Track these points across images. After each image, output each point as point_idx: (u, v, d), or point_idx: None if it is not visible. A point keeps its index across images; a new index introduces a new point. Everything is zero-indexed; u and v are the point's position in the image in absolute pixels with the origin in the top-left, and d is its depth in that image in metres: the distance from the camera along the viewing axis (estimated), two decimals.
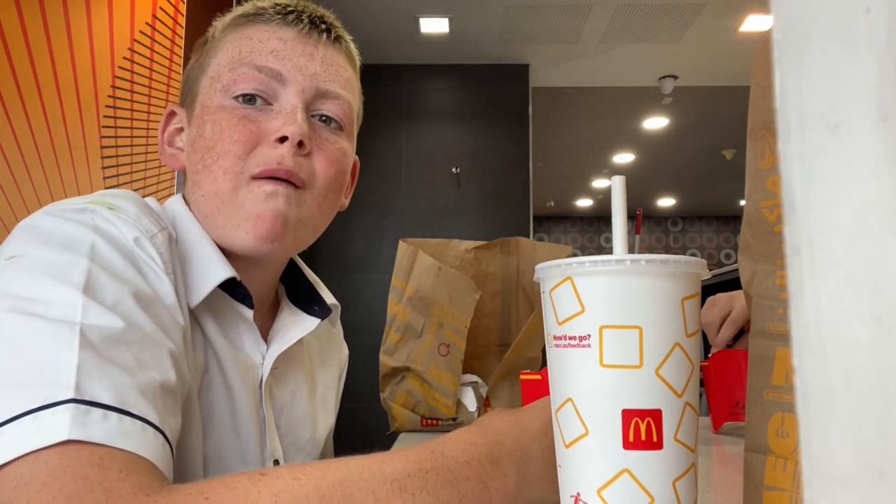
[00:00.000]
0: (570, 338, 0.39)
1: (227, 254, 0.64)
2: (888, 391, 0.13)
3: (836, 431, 0.14)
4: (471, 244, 1.14)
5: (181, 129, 0.69)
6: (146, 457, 0.43)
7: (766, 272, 0.37)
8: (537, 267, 0.41)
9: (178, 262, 0.60)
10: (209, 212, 0.64)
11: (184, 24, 2.90)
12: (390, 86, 4.75)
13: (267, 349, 0.68)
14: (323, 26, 0.69)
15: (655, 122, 6.01)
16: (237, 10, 0.68)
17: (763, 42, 0.37)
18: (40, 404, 0.41)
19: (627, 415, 0.37)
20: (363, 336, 4.61)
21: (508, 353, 1.05)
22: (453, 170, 4.67)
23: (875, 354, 0.13)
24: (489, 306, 1.15)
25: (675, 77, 4.89)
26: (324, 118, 0.68)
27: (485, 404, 1.08)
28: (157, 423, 0.45)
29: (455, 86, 4.76)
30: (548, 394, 0.56)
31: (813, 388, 0.15)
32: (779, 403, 0.36)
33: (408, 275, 1.07)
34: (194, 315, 0.62)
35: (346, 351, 0.89)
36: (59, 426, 0.40)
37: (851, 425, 0.14)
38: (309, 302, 0.75)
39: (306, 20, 0.67)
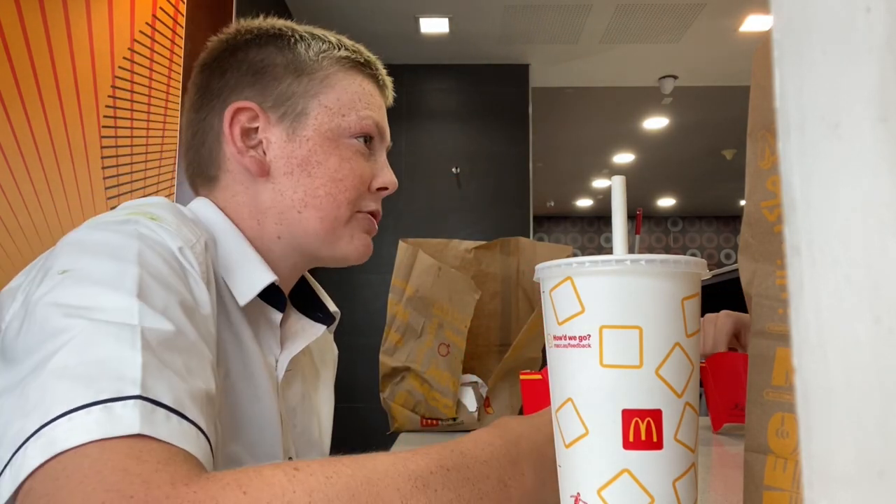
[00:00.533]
0: (570, 338, 0.39)
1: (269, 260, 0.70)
2: (888, 391, 0.13)
3: (836, 431, 0.14)
4: (471, 244, 1.14)
5: (255, 129, 0.70)
6: (199, 457, 0.44)
7: (766, 272, 0.37)
8: (537, 267, 0.41)
9: (217, 266, 0.63)
10: (319, 231, 0.70)
11: (184, 24, 2.90)
12: None
13: (280, 352, 0.71)
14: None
15: (655, 122, 6.01)
16: (341, 50, 0.74)
17: (763, 42, 0.37)
18: (110, 396, 0.42)
19: (627, 415, 0.37)
20: (363, 336, 4.62)
21: (508, 353, 1.05)
22: (453, 170, 4.67)
23: (875, 354, 0.13)
24: (489, 306, 1.15)
25: (675, 77, 4.89)
26: None
27: (485, 404, 1.08)
28: (205, 429, 0.46)
29: (455, 86, 4.76)
30: (548, 393, 0.56)
31: (813, 388, 0.15)
32: (779, 403, 0.36)
33: (408, 275, 1.07)
34: (230, 317, 0.64)
35: (336, 350, 0.92)
36: (130, 419, 0.41)
37: (851, 425, 0.14)
38: (313, 309, 0.78)
39: (390, 93, 0.80)
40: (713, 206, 9.18)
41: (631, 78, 4.94)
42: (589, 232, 9.76)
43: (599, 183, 7.98)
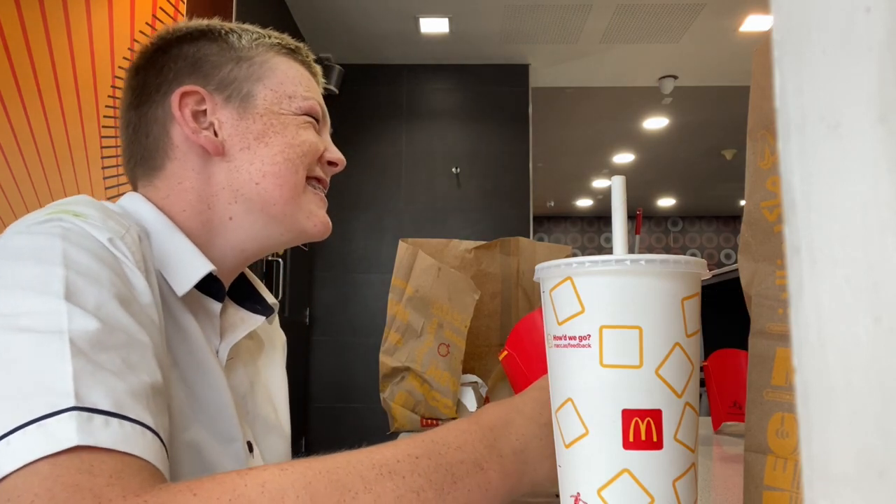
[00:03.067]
0: (570, 338, 0.39)
1: (210, 251, 0.70)
2: (888, 391, 0.13)
3: (836, 431, 0.14)
4: (471, 244, 1.14)
5: (203, 112, 0.70)
6: (149, 459, 0.43)
7: (766, 272, 0.37)
8: (537, 267, 0.41)
9: (151, 258, 0.62)
10: (278, 199, 0.71)
11: None
12: (390, 86, 4.75)
13: (220, 343, 0.71)
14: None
15: (655, 122, 6.01)
16: (272, 39, 0.77)
17: (763, 42, 0.37)
18: (44, 413, 0.41)
19: (627, 415, 0.37)
20: (363, 336, 4.63)
21: None
22: (453, 170, 4.67)
23: (875, 354, 0.13)
24: (489, 306, 1.15)
25: (675, 77, 4.90)
26: None
27: (485, 404, 1.08)
28: (152, 425, 0.46)
29: (455, 86, 4.76)
30: (524, 368, 0.56)
31: (813, 388, 0.15)
32: (779, 403, 0.36)
33: (408, 275, 1.07)
34: (171, 308, 0.63)
35: (284, 337, 0.93)
36: (66, 433, 0.41)
37: (851, 425, 0.14)
38: (252, 301, 0.79)
39: (320, 79, 0.83)
40: (713, 206, 9.18)
41: (631, 78, 4.95)
42: (589, 232, 9.76)
43: (599, 183, 7.98)
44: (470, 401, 1.07)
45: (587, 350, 0.38)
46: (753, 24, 4.11)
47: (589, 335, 0.38)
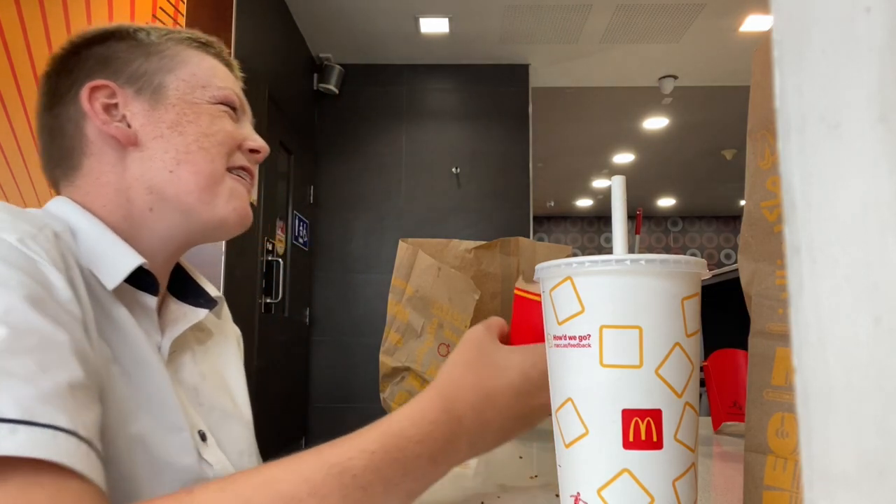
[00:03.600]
0: (570, 338, 0.39)
1: (142, 243, 0.70)
2: (888, 391, 0.13)
3: (836, 431, 0.14)
4: (471, 244, 1.14)
5: (115, 105, 0.71)
6: (64, 462, 0.43)
7: (766, 272, 0.37)
8: (537, 267, 0.41)
9: (76, 255, 0.62)
10: (194, 189, 0.70)
11: (184, 24, 2.89)
12: (390, 86, 4.75)
13: (161, 337, 0.71)
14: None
15: (655, 122, 6.01)
16: (182, 34, 0.77)
17: (763, 42, 0.37)
18: None
19: (627, 415, 0.37)
20: (363, 336, 4.62)
21: None
22: (453, 170, 4.67)
23: (875, 354, 0.13)
24: (489, 306, 1.15)
25: (675, 77, 4.90)
26: None
27: None
28: (67, 425, 0.45)
29: (455, 86, 4.76)
30: (540, 322, 0.55)
31: (813, 388, 0.15)
32: (779, 403, 0.36)
33: (408, 275, 1.07)
34: (104, 304, 0.63)
35: (238, 331, 0.93)
36: None
37: (851, 425, 0.14)
38: (194, 295, 0.79)
39: (238, 72, 0.82)
40: (713, 206, 9.18)
41: (631, 78, 4.95)
42: (589, 232, 9.76)
43: (599, 183, 7.98)
44: None
45: (587, 350, 0.38)
46: (753, 24, 4.11)
47: (589, 335, 0.38)
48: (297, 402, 4.36)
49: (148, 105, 0.71)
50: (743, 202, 0.39)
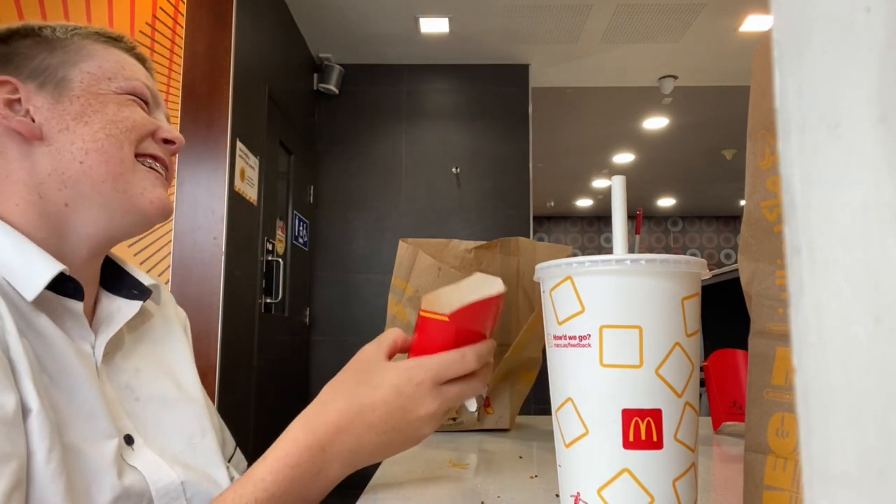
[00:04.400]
0: (570, 337, 0.39)
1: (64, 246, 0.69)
2: (888, 391, 0.13)
3: (836, 431, 0.14)
4: (471, 244, 1.14)
5: (18, 101, 0.70)
6: None
7: (766, 272, 0.37)
8: (537, 267, 0.42)
9: None
10: (106, 177, 0.69)
11: (184, 24, 2.89)
12: (390, 86, 4.75)
13: (95, 338, 0.70)
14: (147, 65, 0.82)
15: (655, 122, 6.01)
16: (91, 28, 0.77)
17: (763, 42, 0.37)
18: None
19: (627, 414, 0.37)
20: (363, 336, 4.62)
21: (508, 353, 1.05)
22: (453, 170, 4.67)
23: (875, 354, 0.13)
24: None
25: (675, 77, 4.90)
26: None
27: (485, 404, 1.08)
28: None
29: (455, 86, 4.76)
30: (447, 340, 0.56)
31: (813, 388, 0.15)
32: (779, 403, 0.36)
33: (408, 275, 1.07)
34: (26, 316, 0.62)
35: (183, 312, 0.91)
36: None
37: (851, 425, 0.14)
38: (128, 287, 0.77)
39: (150, 65, 0.81)
40: (713, 206, 9.18)
41: (631, 78, 4.95)
42: (589, 232, 9.76)
43: (599, 183, 7.98)
44: (470, 400, 1.07)
45: (587, 350, 0.38)
46: (753, 24, 4.11)
47: (589, 335, 0.38)
48: (297, 402, 4.36)
49: (51, 98, 0.70)
50: (743, 202, 0.39)
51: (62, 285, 0.66)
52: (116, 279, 0.78)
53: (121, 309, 0.74)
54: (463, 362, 0.57)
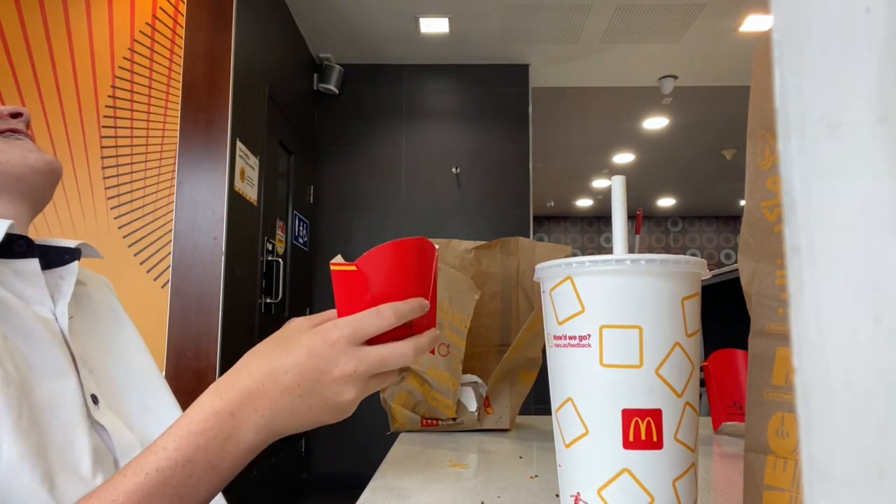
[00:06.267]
0: (570, 337, 0.39)
1: None
2: (888, 391, 0.13)
3: (836, 431, 0.14)
4: (471, 244, 1.14)
5: None
6: None
7: (766, 272, 0.37)
8: (537, 267, 0.41)
9: None
10: None
11: (184, 24, 2.89)
12: (390, 86, 4.75)
13: (55, 305, 0.69)
14: None
15: (655, 122, 6.01)
16: None
17: (763, 42, 0.37)
18: None
19: (627, 414, 0.37)
20: None
21: (508, 352, 1.05)
22: (453, 170, 4.67)
23: (875, 354, 0.13)
24: (489, 306, 1.15)
25: (675, 77, 4.90)
26: None
27: (485, 404, 1.08)
28: None
29: (455, 86, 4.76)
30: (362, 289, 0.53)
31: (813, 388, 0.15)
32: (779, 403, 0.36)
33: None
34: None
35: (106, 279, 0.90)
36: None
37: (851, 425, 0.14)
38: (57, 255, 0.76)
39: None
40: (713, 206, 9.18)
41: (631, 78, 4.94)
42: (589, 232, 9.76)
43: (599, 183, 7.98)
44: (470, 401, 1.07)
45: (587, 350, 0.38)
46: (753, 24, 4.11)
47: (589, 335, 0.38)
48: None
49: None
50: (743, 202, 0.39)
51: (9, 248, 0.65)
52: (44, 254, 0.76)
53: (63, 276, 0.73)
54: (378, 317, 0.53)
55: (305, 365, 0.51)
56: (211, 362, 2.73)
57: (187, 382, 2.70)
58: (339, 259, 0.56)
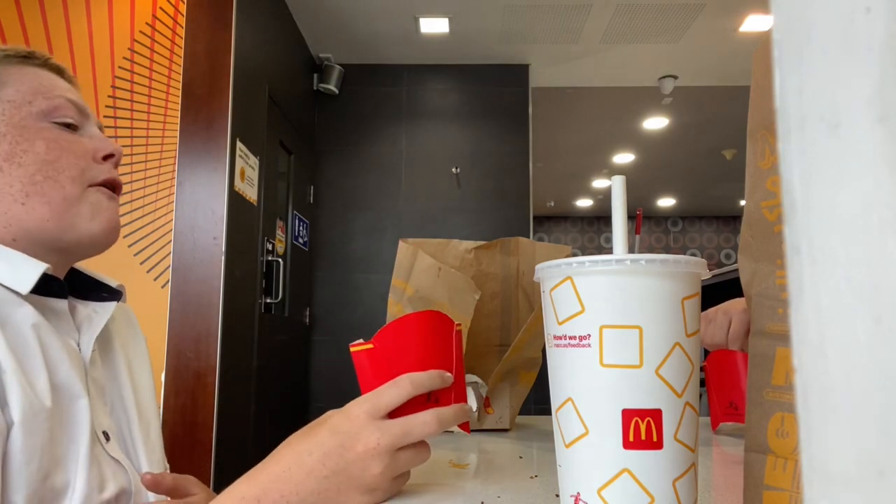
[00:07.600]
0: (570, 337, 0.39)
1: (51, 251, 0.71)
2: (888, 391, 0.13)
3: (836, 431, 0.14)
4: (471, 244, 1.14)
5: None
6: None
7: (766, 272, 0.37)
8: (537, 267, 0.42)
9: None
10: (50, 217, 0.70)
11: (184, 24, 2.89)
12: (390, 86, 4.75)
13: (80, 337, 0.72)
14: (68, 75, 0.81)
15: (655, 122, 6.01)
16: (0, 49, 0.75)
17: (763, 42, 0.37)
18: None
19: (627, 414, 0.37)
20: (363, 336, 4.62)
21: (508, 353, 1.05)
22: (453, 170, 4.67)
23: (875, 354, 0.13)
24: (489, 306, 1.15)
25: (675, 77, 4.89)
26: None
27: (485, 404, 1.08)
28: None
29: (455, 86, 4.76)
30: (384, 367, 0.54)
31: (813, 388, 0.15)
32: (779, 403, 0.36)
33: (408, 275, 1.07)
34: (12, 320, 0.64)
35: (129, 308, 0.92)
36: None
37: (851, 425, 0.14)
38: (97, 291, 0.79)
39: (70, 76, 0.81)
40: (713, 206, 9.18)
41: (631, 78, 4.94)
42: (589, 232, 9.76)
43: (599, 183, 7.98)
44: (470, 401, 1.07)
45: (587, 350, 0.38)
46: (753, 24, 4.11)
47: (589, 335, 0.38)
48: (297, 402, 4.36)
49: None
50: (743, 202, 0.39)
51: (45, 287, 0.68)
52: (84, 286, 0.79)
53: (98, 311, 0.75)
54: (396, 387, 0.53)
55: (329, 444, 0.51)
56: (211, 362, 2.73)
57: (187, 382, 2.70)
58: (359, 341, 0.57)
